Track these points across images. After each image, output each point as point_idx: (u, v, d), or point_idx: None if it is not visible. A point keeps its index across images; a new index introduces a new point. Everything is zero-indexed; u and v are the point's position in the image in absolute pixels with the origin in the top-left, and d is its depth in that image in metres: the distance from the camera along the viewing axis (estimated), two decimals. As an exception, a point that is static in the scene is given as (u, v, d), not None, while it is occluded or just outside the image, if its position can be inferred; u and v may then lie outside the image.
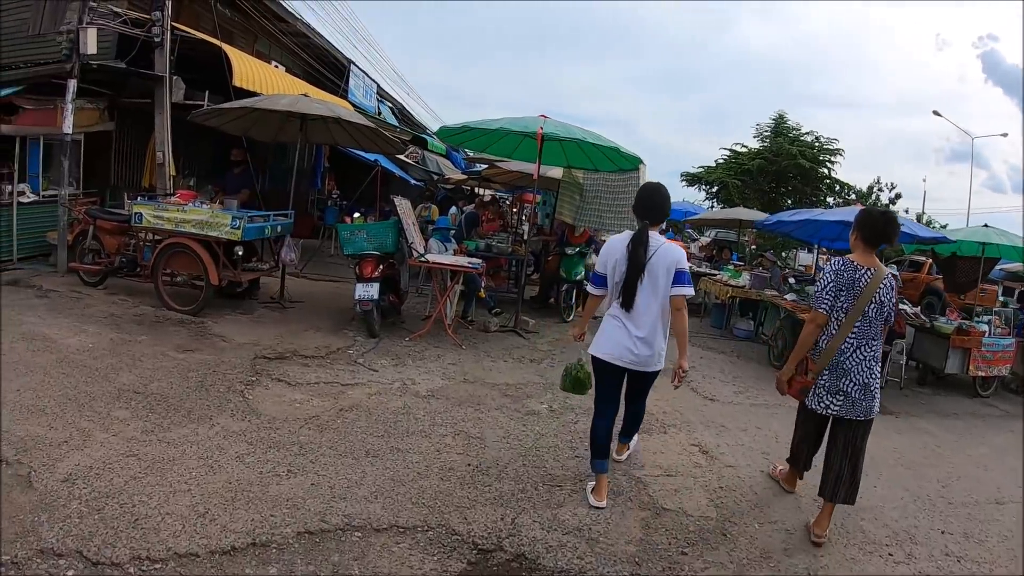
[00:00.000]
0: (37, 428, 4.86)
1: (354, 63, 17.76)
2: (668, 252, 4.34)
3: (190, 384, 6.12)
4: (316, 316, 9.33)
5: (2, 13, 14.18)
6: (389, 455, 5.10)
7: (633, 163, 9.81)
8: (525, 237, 11.80)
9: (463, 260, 9.01)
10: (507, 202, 21.44)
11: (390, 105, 21.81)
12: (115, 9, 11.17)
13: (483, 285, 10.01)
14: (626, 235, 4.48)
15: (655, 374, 4.62)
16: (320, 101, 9.55)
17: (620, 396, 4.73)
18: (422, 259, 8.67)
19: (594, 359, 4.65)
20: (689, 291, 4.36)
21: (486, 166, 15.59)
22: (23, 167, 10.73)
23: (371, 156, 13.48)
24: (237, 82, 11.25)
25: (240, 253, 8.66)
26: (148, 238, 9.00)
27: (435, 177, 19.12)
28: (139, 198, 9.06)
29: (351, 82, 17.12)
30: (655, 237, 4.39)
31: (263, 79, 11.98)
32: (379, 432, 5.53)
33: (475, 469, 5.04)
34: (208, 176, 14.44)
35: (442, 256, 9.21)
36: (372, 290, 8.30)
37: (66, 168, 10.08)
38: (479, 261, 9.18)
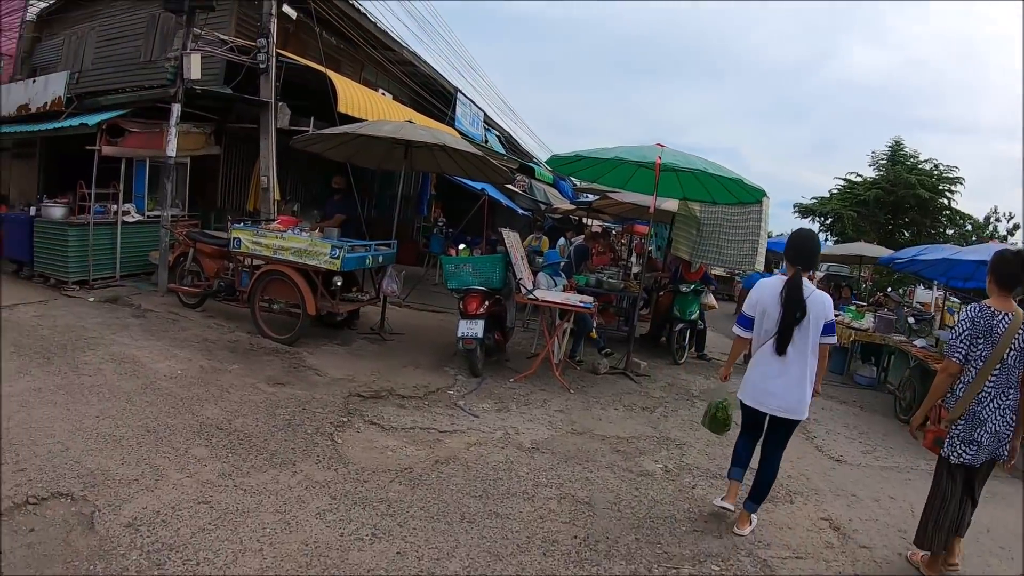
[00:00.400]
0: (110, 461, 4.51)
1: (460, 91, 17.50)
2: (818, 301, 4.38)
3: (277, 422, 5.67)
4: (417, 350, 8.81)
5: (120, 41, 14.66)
6: (486, 521, 4.45)
7: (756, 196, 8.97)
8: (635, 271, 11.05)
9: (574, 298, 8.33)
10: (615, 233, 20.69)
11: (497, 133, 21.49)
12: (222, 37, 11.19)
13: (594, 325, 9.32)
14: (777, 280, 4.50)
15: (796, 423, 4.58)
16: (425, 128, 9.14)
17: (763, 430, 4.75)
18: (530, 296, 8.05)
19: (742, 403, 4.71)
20: (834, 340, 4.52)
21: (597, 196, 14.88)
22: (129, 187, 10.79)
23: (478, 185, 13.02)
24: (342, 108, 11.06)
25: (339, 283, 8.25)
26: (246, 263, 8.71)
27: (543, 206, 18.59)
28: (240, 223, 8.79)
29: (458, 110, 16.86)
30: (807, 284, 4.39)
31: (368, 105, 11.76)
32: (477, 491, 4.88)
33: (582, 543, 4.32)
34: (314, 202, 14.34)
35: (552, 293, 8.55)
36: (476, 328, 7.71)
37: (169, 190, 10.01)
38: (591, 300, 8.47)
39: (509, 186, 15.02)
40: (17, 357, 6.75)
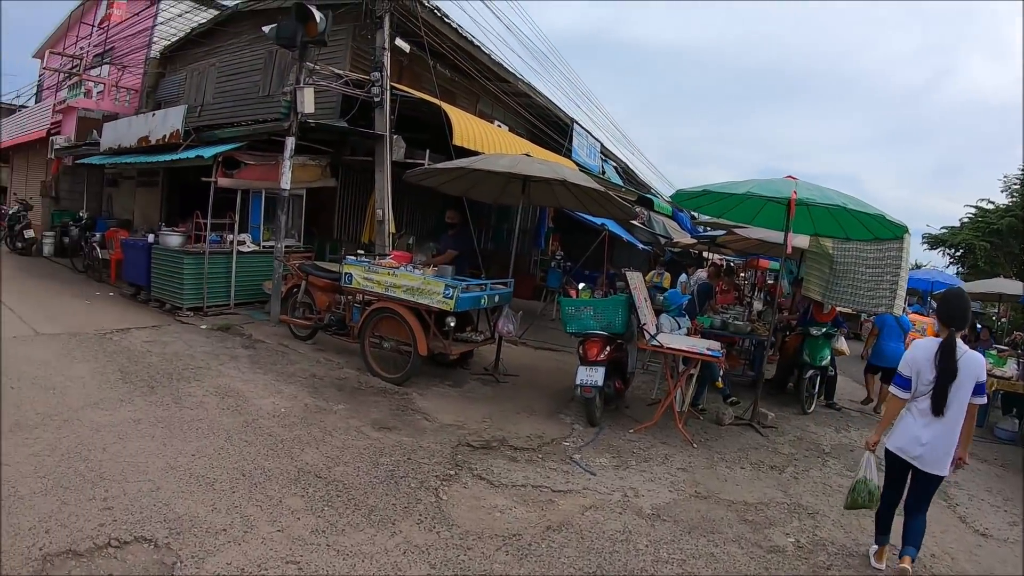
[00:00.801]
0: (200, 506, 4.21)
1: (577, 122, 17.08)
2: (971, 362, 4.39)
3: (379, 473, 5.20)
4: (532, 394, 8.23)
5: (238, 76, 14.94)
6: (600, 605, 3.80)
7: (896, 232, 8.09)
8: (758, 308, 10.21)
9: (701, 345, 7.62)
10: (735, 267, 19.68)
11: (614, 164, 20.95)
12: (336, 71, 11.11)
13: (721, 373, 8.59)
14: (931, 342, 4.53)
15: (939, 479, 4.57)
16: (543, 161, 8.69)
17: (905, 487, 4.72)
18: (654, 343, 7.40)
19: (887, 452, 4.70)
20: (984, 400, 4.52)
21: (723, 232, 14.06)
22: (245, 217, 10.76)
23: (598, 220, 12.50)
24: (457, 141, 10.77)
25: (452, 324, 7.81)
26: (358, 299, 8.39)
27: (662, 240, 17.88)
28: (352, 257, 8.50)
29: (575, 141, 16.43)
30: (960, 345, 4.41)
31: (483, 138, 11.43)
32: (591, 567, 4.25)
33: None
34: (430, 234, 14.14)
35: (677, 338, 7.84)
36: (596, 375, 7.08)
37: (283, 222, 9.87)
38: (719, 347, 7.76)
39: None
40: (122, 384, 6.62)
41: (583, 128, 17.54)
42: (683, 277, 14.85)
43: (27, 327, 8.62)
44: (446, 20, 12.84)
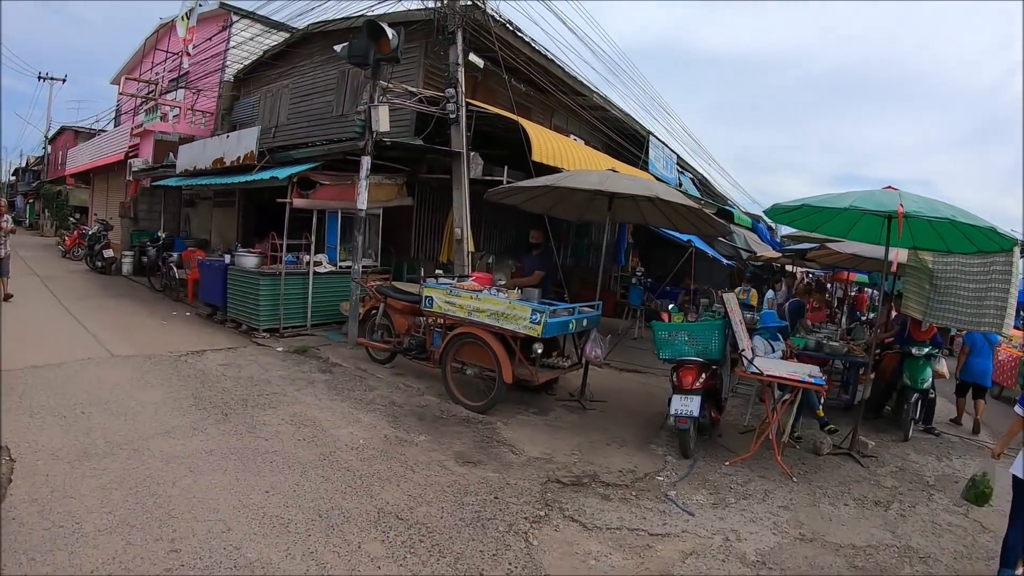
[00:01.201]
0: (273, 551, 3.86)
1: (653, 134, 16.50)
2: None
3: (465, 514, 4.73)
4: (620, 422, 7.67)
5: (312, 96, 14.80)
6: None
7: (1005, 245, 7.29)
8: (846, 326, 9.42)
9: (803, 370, 6.97)
10: (819, 279, 18.69)
11: (690, 176, 20.27)
12: (410, 88, 10.81)
13: (821, 401, 7.90)
14: None
15: None
16: (632, 177, 8.18)
17: None
18: (754, 370, 6.77)
19: (1014, 479, 4.46)
20: None
21: (811, 245, 13.20)
22: (321, 238, 10.49)
23: (684, 235, 11.90)
24: (536, 157, 10.34)
25: (540, 350, 7.32)
26: (439, 323, 7.97)
27: (743, 253, 17.15)
28: (432, 279, 8.09)
29: (651, 153, 15.86)
30: None
31: (562, 153, 11.00)
32: None
33: None
34: (507, 252, 13.75)
35: (774, 363, 7.19)
36: (692, 405, 6.49)
37: (359, 243, 9.54)
38: (822, 375, 7.08)
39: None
40: (195, 410, 6.35)
41: (659, 140, 16.93)
42: (770, 294, 14.11)
43: (102, 348, 8.47)
44: (519, 34, 12.43)
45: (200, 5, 18.41)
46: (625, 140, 16.19)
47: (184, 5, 18.35)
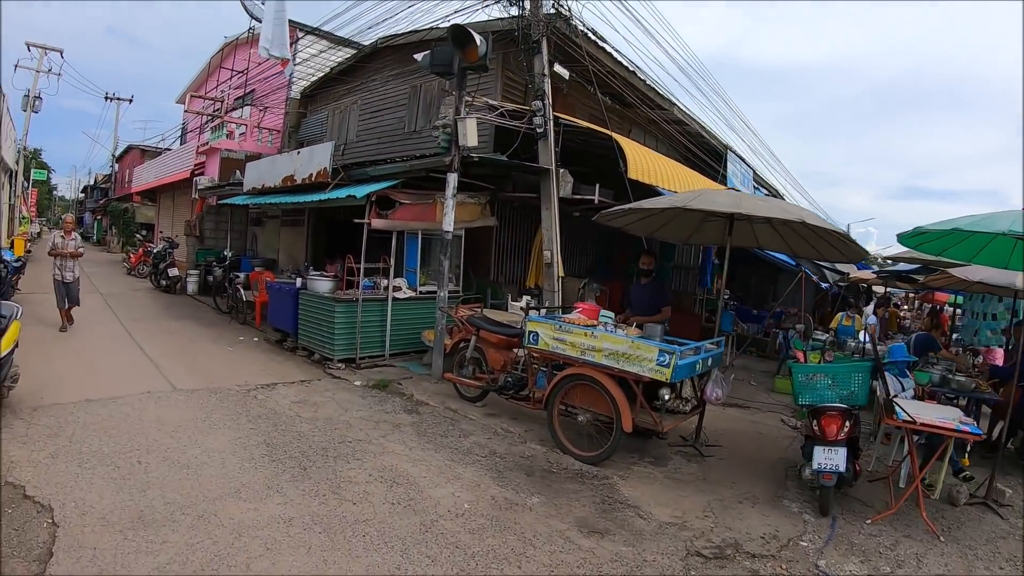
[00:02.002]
0: None
1: (731, 148, 15.20)
2: None
3: None
4: (743, 472, 6.47)
5: (382, 112, 13.86)
6: None
7: None
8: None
9: (950, 416, 5.66)
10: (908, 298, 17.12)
11: (766, 192, 18.83)
12: (491, 102, 9.78)
13: (967, 450, 6.57)
14: None
15: None
16: (765, 199, 6.97)
17: None
18: (905, 418, 5.47)
19: None
20: None
21: (914, 267, 11.72)
22: (399, 260, 9.44)
23: (789, 259, 10.64)
24: (632, 174, 9.25)
25: (668, 397, 6.11)
26: (544, 361, 6.81)
27: (829, 273, 15.79)
28: (533, 312, 6.97)
29: (728, 168, 14.56)
30: None
31: (657, 170, 9.86)
32: None
33: None
34: (587, 272, 12.58)
35: (924, 409, 5.91)
36: (838, 458, 5.32)
37: (445, 268, 8.45)
38: (972, 420, 5.76)
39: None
40: (269, 461, 5.31)
41: (736, 154, 15.62)
42: (872, 319, 12.67)
43: (164, 380, 7.53)
44: (601, 44, 11.34)
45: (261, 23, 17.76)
46: (704, 154, 14.93)
47: (252, 23, 17.73)
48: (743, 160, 15.61)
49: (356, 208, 9.05)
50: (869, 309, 14.06)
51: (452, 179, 8.41)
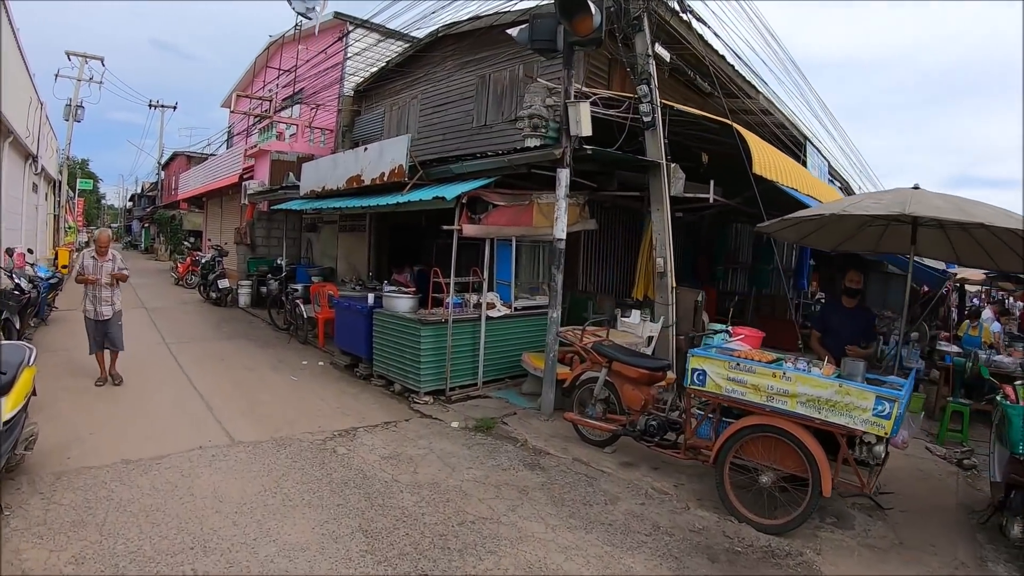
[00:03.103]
0: None
1: (810, 140, 13.31)
2: None
3: None
4: (930, 526, 5.00)
5: (446, 107, 12.23)
6: None
7: None
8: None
9: None
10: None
11: (839, 184, 16.87)
12: (584, 89, 8.15)
13: None
14: None
15: None
16: (940, 197, 5.14)
17: None
18: None
19: None
20: None
21: None
22: (479, 269, 7.80)
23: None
24: (757, 170, 7.54)
25: (884, 453, 4.43)
26: (705, 402, 5.11)
27: (936, 274, 13.98)
28: (702, 348, 5.26)
29: (808, 159, 12.72)
30: None
31: (778, 165, 8.11)
32: None
33: None
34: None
35: None
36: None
37: (559, 283, 6.74)
38: None
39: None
40: (374, 564, 3.71)
41: (814, 146, 13.71)
42: (996, 327, 10.81)
43: (219, 428, 5.93)
44: (692, 26, 9.60)
45: (309, 20, 16.23)
46: (782, 144, 13.09)
47: (299, 20, 16.21)
48: (819, 152, 13.71)
49: (433, 212, 7.44)
50: (987, 315, 12.16)
51: (564, 176, 6.72)
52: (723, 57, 10.77)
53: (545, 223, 7.61)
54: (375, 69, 14.33)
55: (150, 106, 33.55)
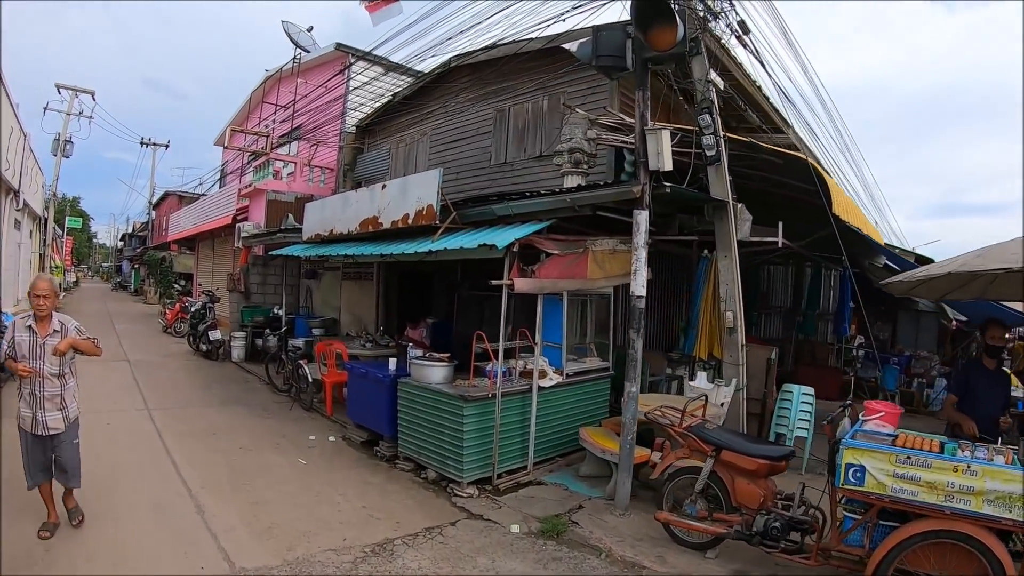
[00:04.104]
0: None
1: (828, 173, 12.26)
2: None
3: None
4: None
5: (460, 143, 10.98)
6: None
7: None
8: None
9: None
10: None
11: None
12: (626, 119, 7.06)
13: None
14: None
15: None
16: None
17: None
18: None
19: None
20: None
21: None
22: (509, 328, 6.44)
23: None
24: (836, 210, 6.44)
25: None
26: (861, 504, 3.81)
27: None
28: (858, 439, 3.90)
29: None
30: None
31: (851, 206, 7.03)
32: None
33: None
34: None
35: None
36: None
37: (639, 352, 5.35)
38: None
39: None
40: None
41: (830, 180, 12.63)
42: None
43: (213, 544, 4.46)
44: (731, 55, 8.52)
45: (308, 52, 15.03)
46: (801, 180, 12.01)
47: (297, 53, 15.02)
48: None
49: (471, 262, 6.11)
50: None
51: (644, 220, 5.40)
52: (759, 88, 9.69)
53: (600, 275, 6.31)
54: (380, 104, 13.10)
55: (142, 144, 32.19)
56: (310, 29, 15.15)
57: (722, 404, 6.27)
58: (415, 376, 6.09)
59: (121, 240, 51.98)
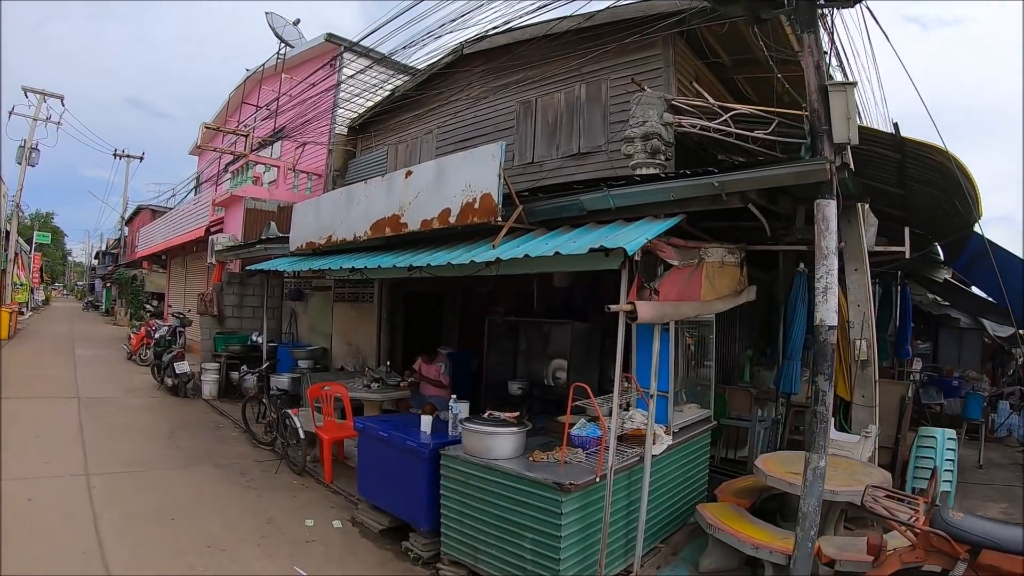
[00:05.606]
0: None
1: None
2: None
3: None
4: None
5: (472, 142, 8.95)
6: None
7: None
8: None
9: None
10: None
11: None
12: (694, 101, 5.32)
13: None
14: None
15: None
16: None
17: None
18: None
19: None
20: None
21: None
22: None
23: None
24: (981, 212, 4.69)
25: None
26: None
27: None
28: None
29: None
30: None
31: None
32: None
33: None
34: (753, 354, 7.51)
35: None
36: None
37: (829, 403, 3.30)
38: None
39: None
40: None
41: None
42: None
43: None
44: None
45: (292, 48, 12.93)
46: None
47: (281, 47, 12.90)
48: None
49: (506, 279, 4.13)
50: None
51: (831, 213, 3.41)
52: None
53: (712, 295, 4.34)
54: (375, 101, 11.03)
55: (115, 156, 29.58)
56: (296, 22, 13.04)
57: (868, 459, 4.43)
58: (469, 447, 3.99)
59: (95, 258, 48.73)
